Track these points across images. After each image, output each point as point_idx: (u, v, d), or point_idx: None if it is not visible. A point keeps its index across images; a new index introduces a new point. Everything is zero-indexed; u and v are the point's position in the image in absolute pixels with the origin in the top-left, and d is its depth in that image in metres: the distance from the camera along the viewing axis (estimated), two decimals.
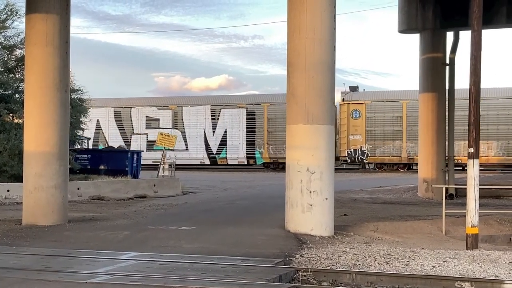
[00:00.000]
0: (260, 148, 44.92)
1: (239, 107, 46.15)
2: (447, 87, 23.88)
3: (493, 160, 40.47)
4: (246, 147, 45.34)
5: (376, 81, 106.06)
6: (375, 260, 10.24)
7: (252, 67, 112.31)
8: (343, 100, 43.53)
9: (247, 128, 45.48)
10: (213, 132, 46.29)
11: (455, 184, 22.42)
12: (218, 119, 46.50)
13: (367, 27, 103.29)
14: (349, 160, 43.58)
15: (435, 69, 23.92)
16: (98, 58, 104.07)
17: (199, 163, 46.24)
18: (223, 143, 46.07)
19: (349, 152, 43.17)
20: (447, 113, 23.89)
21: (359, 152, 42.72)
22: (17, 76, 25.09)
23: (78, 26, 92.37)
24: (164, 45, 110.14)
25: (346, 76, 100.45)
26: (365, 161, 43.11)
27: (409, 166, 42.24)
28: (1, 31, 24.75)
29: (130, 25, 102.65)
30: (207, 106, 46.85)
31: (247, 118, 45.88)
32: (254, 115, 45.78)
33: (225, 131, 46.18)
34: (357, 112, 43.02)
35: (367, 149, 42.72)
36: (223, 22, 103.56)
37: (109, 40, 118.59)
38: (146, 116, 48.00)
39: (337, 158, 43.60)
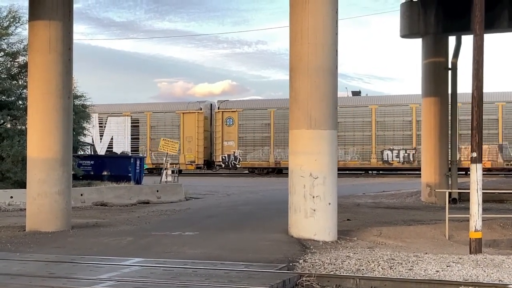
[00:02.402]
0: (144, 154, 46.07)
1: (125, 115, 48.17)
2: (449, 92, 23.88)
3: (350, 164, 43.19)
4: (131, 153, 46.77)
5: (379, 86, 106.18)
6: (379, 265, 10.23)
7: (256, 72, 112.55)
8: (218, 108, 46.37)
9: (131, 135, 47.38)
10: (101, 139, 48.10)
11: (458, 189, 22.39)
12: (105, 126, 48.62)
13: (370, 32, 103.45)
14: (223, 165, 45.93)
15: (438, 74, 23.91)
16: (101, 64, 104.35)
17: None
18: (109, 150, 47.78)
19: (223, 157, 45.63)
20: (450, 118, 23.89)
21: (232, 157, 45.01)
22: (20, 82, 25.15)
23: (82, 33, 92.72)
24: (168, 51, 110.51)
25: (349, 81, 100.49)
26: (237, 165, 45.23)
27: (279, 170, 44.52)
28: (4, 38, 24.82)
29: (134, 32, 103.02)
30: (95, 114, 48.00)
31: (131, 126, 48.03)
32: (138, 123, 47.94)
33: (112, 138, 48.20)
34: (231, 120, 45.78)
35: (240, 154, 45.21)
36: (227, 28, 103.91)
37: (113, 46, 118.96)
38: None
39: (212, 163, 46.78)
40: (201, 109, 46.14)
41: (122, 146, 47.66)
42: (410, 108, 41.68)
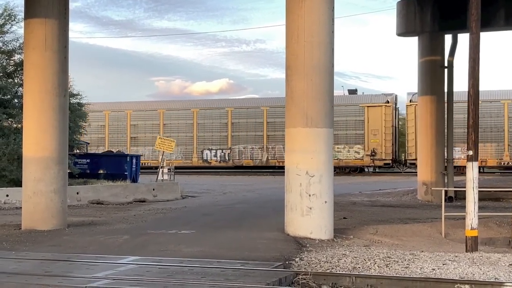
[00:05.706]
0: None
1: None
2: (446, 90, 23.89)
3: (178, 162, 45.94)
4: None
5: (376, 84, 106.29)
6: (375, 263, 10.24)
7: (253, 71, 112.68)
8: None
9: None
10: None
11: (455, 187, 22.41)
12: None
13: (368, 31, 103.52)
14: None
15: (434, 72, 23.94)
16: (98, 63, 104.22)
17: None
18: None
19: None
20: (446, 116, 23.90)
21: None
22: (16, 80, 25.11)
23: (81, 31, 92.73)
24: (166, 50, 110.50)
25: (347, 79, 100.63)
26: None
27: None
28: (0, 36, 24.77)
29: (132, 30, 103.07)
30: None
31: None
32: None
33: None
34: None
35: None
36: (226, 26, 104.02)
37: (110, 45, 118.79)
38: None
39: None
40: None
41: None
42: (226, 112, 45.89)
